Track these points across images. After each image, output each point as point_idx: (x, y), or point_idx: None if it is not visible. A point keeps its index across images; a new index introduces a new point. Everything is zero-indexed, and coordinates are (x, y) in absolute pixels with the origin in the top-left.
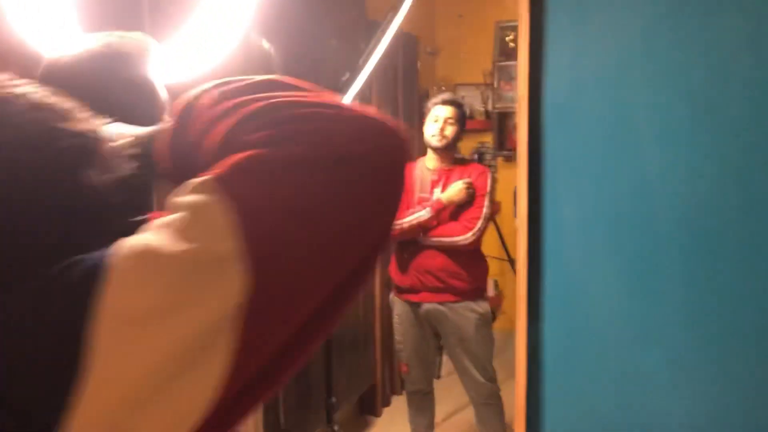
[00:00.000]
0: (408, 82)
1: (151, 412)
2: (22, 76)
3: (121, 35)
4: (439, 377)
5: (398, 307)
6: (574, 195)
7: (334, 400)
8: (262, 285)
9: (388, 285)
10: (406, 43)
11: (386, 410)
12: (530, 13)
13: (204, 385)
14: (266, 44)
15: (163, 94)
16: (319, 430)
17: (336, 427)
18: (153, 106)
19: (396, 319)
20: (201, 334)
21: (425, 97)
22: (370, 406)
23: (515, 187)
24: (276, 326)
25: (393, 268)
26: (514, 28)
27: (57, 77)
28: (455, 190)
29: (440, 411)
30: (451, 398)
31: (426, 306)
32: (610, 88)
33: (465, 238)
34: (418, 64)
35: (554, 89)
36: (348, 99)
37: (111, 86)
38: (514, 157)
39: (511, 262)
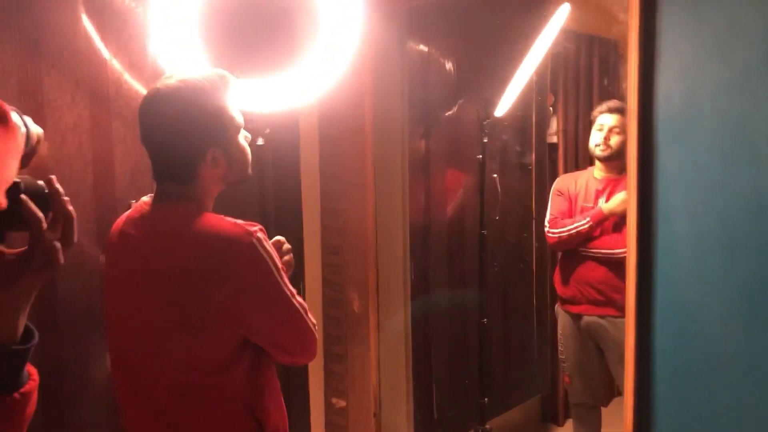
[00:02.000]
0: (603, 87)
1: None
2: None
3: (202, 72)
4: (620, 394)
5: (561, 317)
6: (688, 213)
7: (486, 400)
8: None
9: None
10: (601, 47)
11: (570, 422)
12: (641, 19)
13: None
14: (424, 49)
15: (238, 118)
16: (472, 429)
17: (488, 428)
18: (220, 128)
19: (559, 330)
20: None
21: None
22: (552, 413)
23: None
24: None
25: (557, 278)
26: None
27: (153, 101)
28: (618, 200)
29: (614, 430)
30: None
31: (587, 318)
32: (729, 99)
33: (625, 251)
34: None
35: (667, 100)
36: (503, 108)
37: (184, 112)
38: None
39: None
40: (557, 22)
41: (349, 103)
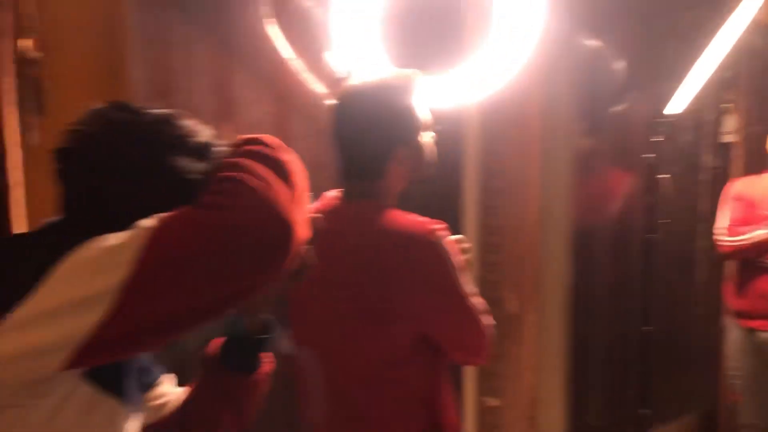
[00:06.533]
0: None
1: (56, 323)
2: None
3: (393, 71)
4: None
5: (734, 332)
6: None
7: (647, 412)
8: (137, 286)
9: None
10: None
11: None
12: None
13: (85, 322)
14: (593, 43)
15: (425, 116)
16: None
17: None
18: (410, 126)
19: (730, 345)
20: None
21: None
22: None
23: None
24: (139, 314)
25: (729, 290)
26: None
27: (349, 99)
28: None
29: None
30: None
31: (763, 335)
32: None
33: None
34: None
35: None
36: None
37: (378, 110)
38: None
39: None
40: (746, 13)
41: (515, 98)
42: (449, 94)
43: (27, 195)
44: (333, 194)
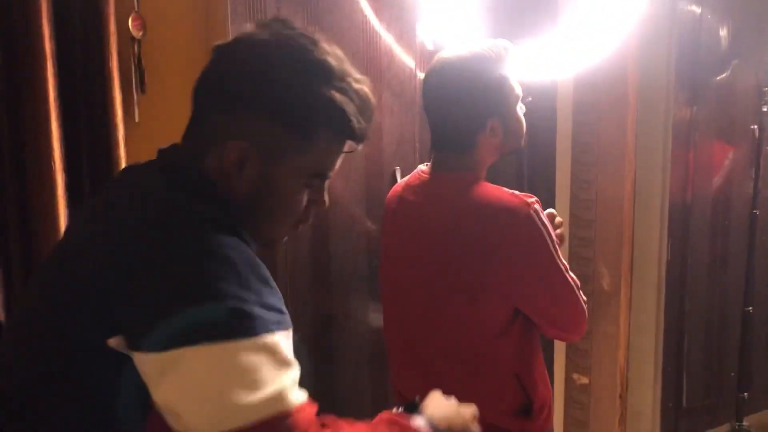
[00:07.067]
0: None
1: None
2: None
3: (485, 43)
4: None
5: None
6: None
7: (746, 395)
8: None
9: None
10: None
11: None
12: None
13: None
14: (695, 9)
15: (517, 89)
16: (727, 423)
17: (746, 425)
18: (502, 98)
19: None
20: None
21: None
22: None
23: None
24: None
25: None
26: None
27: (442, 70)
28: None
29: None
30: None
31: None
32: None
33: None
34: None
35: None
36: None
37: (470, 81)
38: None
39: None
40: None
41: (610, 69)
42: (542, 66)
43: None
44: (424, 168)
